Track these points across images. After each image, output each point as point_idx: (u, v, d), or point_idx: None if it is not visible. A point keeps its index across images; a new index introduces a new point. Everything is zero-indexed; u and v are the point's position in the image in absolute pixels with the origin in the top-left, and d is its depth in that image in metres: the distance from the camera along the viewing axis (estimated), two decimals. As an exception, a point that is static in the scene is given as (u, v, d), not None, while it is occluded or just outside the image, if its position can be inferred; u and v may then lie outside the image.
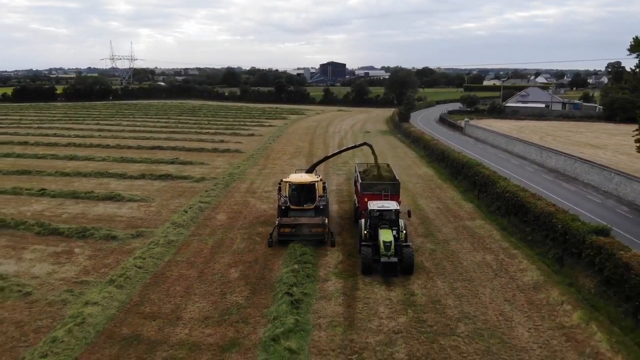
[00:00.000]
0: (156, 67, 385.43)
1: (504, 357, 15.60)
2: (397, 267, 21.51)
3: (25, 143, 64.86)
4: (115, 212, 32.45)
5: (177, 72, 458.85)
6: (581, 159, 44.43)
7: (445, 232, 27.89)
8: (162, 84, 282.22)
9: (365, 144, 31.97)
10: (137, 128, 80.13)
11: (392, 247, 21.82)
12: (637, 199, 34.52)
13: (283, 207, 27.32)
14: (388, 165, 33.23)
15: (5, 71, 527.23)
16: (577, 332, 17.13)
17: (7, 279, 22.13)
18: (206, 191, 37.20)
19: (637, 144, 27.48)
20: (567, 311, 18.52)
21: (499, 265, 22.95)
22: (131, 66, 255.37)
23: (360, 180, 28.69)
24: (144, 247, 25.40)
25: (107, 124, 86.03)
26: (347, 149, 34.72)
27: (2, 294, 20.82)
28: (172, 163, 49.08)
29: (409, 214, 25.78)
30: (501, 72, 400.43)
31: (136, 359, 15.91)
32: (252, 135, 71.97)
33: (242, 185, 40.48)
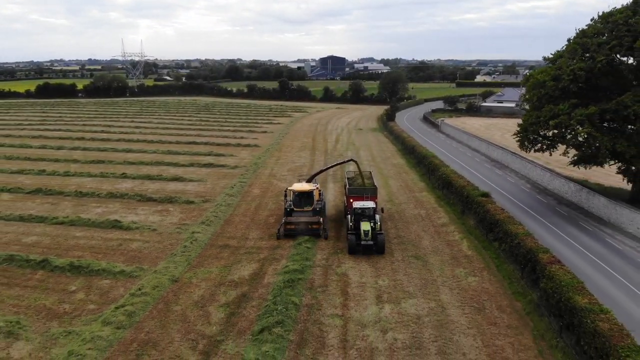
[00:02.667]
0: (156, 59, 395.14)
1: (411, 250, 31.42)
2: (373, 248, 30.47)
3: (82, 138, 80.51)
4: (184, 188, 48.23)
5: (180, 65, 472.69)
6: (511, 151, 59.97)
7: (401, 199, 43.73)
8: (168, 77, 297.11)
9: (351, 160, 40.72)
10: (167, 125, 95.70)
11: (370, 234, 30.27)
12: (538, 180, 50.36)
13: (288, 209, 34.89)
14: (370, 172, 41.32)
15: (7, 63, 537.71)
16: (455, 243, 32.95)
17: (137, 223, 37.90)
18: (241, 175, 53.01)
19: (518, 143, 42.78)
20: (454, 235, 34.39)
21: (427, 215, 38.84)
22: (142, 60, 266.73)
23: (348, 186, 36.68)
24: (213, 207, 41.20)
25: (140, 122, 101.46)
26: (338, 164, 43.51)
27: (139, 230, 36.57)
28: (209, 155, 64.82)
29: (382, 210, 34.74)
30: (499, 65, 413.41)
31: (230, 253, 31.68)
32: (265, 132, 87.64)
33: (265, 171, 56.17)
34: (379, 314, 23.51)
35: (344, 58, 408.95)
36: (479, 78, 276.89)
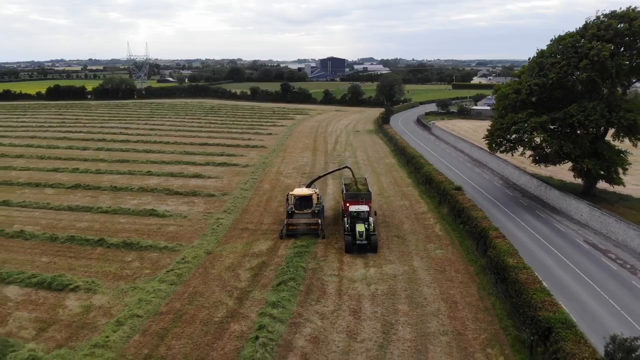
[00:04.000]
0: (157, 59, 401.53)
1: (394, 231, 39.31)
2: (367, 247, 34.50)
3: (104, 140, 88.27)
4: (204, 183, 56.11)
5: (181, 66, 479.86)
6: (489, 152, 67.75)
7: (390, 192, 51.67)
8: (171, 79, 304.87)
9: (346, 167, 46.03)
10: (179, 127, 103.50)
11: (364, 235, 34.33)
12: (509, 177, 58.30)
13: (290, 212, 39.02)
14: (365, 178, 45.86)
15: (7, 63, 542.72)
16: (430, 226, 40.86)
17: (170, 212, 45.74)
18: (252, 172, 60.93)
19: (487, 146, 50.62)
20: (430, 220, 42.32)
21: (410, 205, 46.78)
22: (146, 62, 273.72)
23: (344, 191, 40.60)
24: (231, 199, 49.09)
25: (154, 124, 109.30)
26: (333, 170, 50.20)
27: (172, 217, 44.43)
28: (222, 155, 72.70)
29: (375, 213, 40.19)
30: (499, 66, 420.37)
31: (249, 234, 39.57)
32: (270, 134, 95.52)
33: (272, 169, 64.08)
34: (366, 274, 31.48)
35: (344, 59, 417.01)
36: (475, 80, 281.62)
